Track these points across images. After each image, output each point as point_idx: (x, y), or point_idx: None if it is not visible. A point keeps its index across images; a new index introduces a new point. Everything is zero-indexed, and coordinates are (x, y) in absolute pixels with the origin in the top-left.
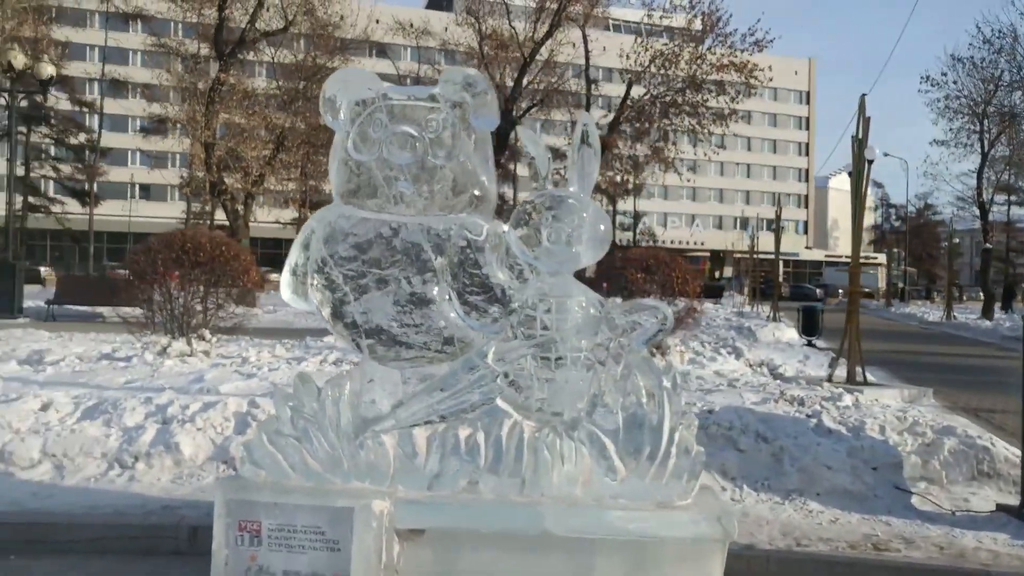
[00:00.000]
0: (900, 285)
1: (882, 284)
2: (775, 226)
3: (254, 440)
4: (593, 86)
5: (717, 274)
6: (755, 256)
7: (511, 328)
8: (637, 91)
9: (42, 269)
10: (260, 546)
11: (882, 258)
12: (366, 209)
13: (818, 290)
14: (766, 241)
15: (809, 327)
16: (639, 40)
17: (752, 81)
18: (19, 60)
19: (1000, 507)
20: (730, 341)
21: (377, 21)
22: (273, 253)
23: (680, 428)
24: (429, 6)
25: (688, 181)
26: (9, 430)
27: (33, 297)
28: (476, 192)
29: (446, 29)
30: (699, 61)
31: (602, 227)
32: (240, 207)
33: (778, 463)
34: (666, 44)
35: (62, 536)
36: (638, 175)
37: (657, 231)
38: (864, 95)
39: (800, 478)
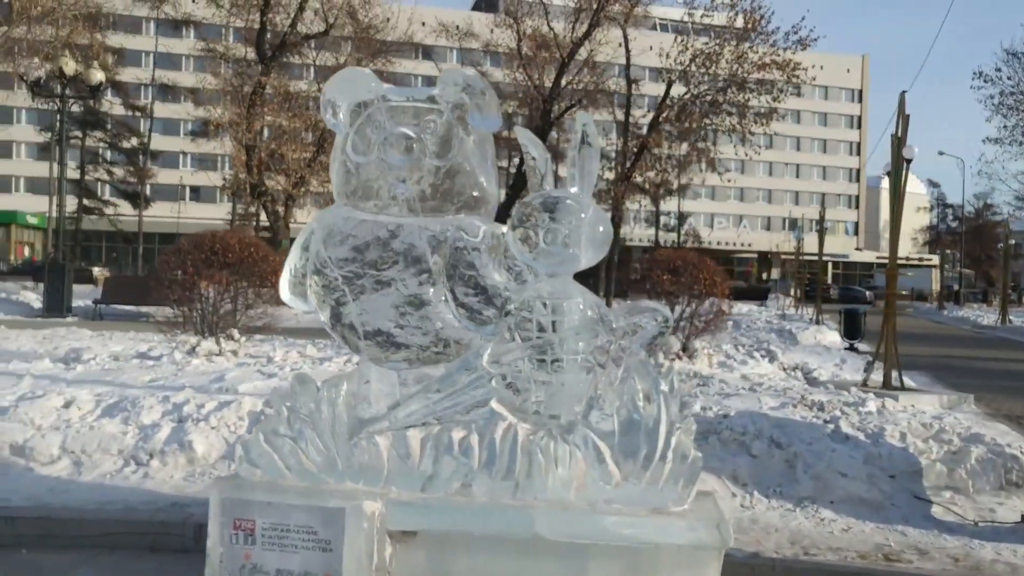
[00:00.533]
0: (955, 287)
1: (936, 286)
2: (819, 227)
3: (252, 439)
4: (634, 85)
5: (764, 276)
6: (800, 258)
7: (508, 330)
8: (678, 90)
9: (95, 270)
10: (254, 545)
11: (936, 259)
12: (365, 211)
13: (868, 292)
14: (814, 242)
15: (851, 330)
16: (679, 39)
17: (794, 80)
18: (70, 67)
19: None
20: (766, 344)
21: (423, 23)
22: None
23: (678, 432)
24: (475, 8)
25: (730, 181)
26: (32, 426)
27: (84, 297)
28: (474, 193)
29: (491, 31)
30: (740, 60)
31: (601, 228)
32: (280, 208)
33: (791, 469)
34: (706, 43)
35: (74, 531)
36: (682, 175)
37: (703, 232)
38: (904, 92)
39: (813, 485)
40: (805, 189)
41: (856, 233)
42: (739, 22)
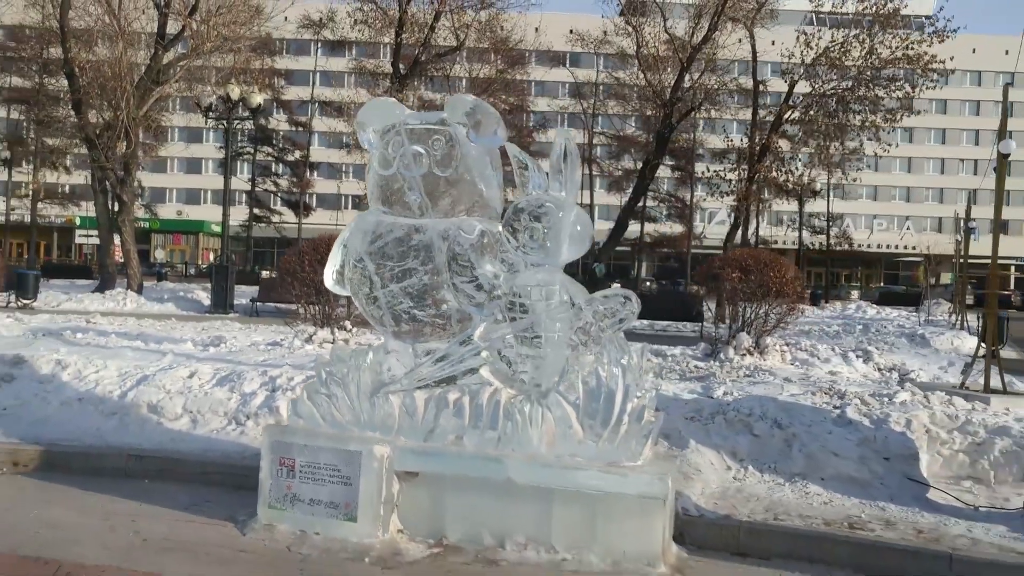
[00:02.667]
0: None
1: None
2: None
3: (299, 397)
4: (760, 85)
5: (933, 280)
6: (960, 260)
7: (499, 311)
8: (802, 88)
9: (264, 272)
10: (294, 478)
11: None
12: (392, 214)
13: None
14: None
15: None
16: (801, 37)
17: (930, 74)
18: (235, 92)
19: None
20: (863, 345)
21: (571, 31)
22: None
23: (635, 400)
24: (621, 13)
25: (855, 180)
26: (163, 391)
27: (247, 296)
28: (476, 198)
29: (615, 35)
30: (870, 55)
31: (579, 227)
32: None
33: (788, 448)
34: (832, 41)
35: (183, 469)
36: (821, 174)
37: (861, 234)
38: (1008, 84)
39: (806, 463)
40: (986, 186)
41: None
42: (871, 9)
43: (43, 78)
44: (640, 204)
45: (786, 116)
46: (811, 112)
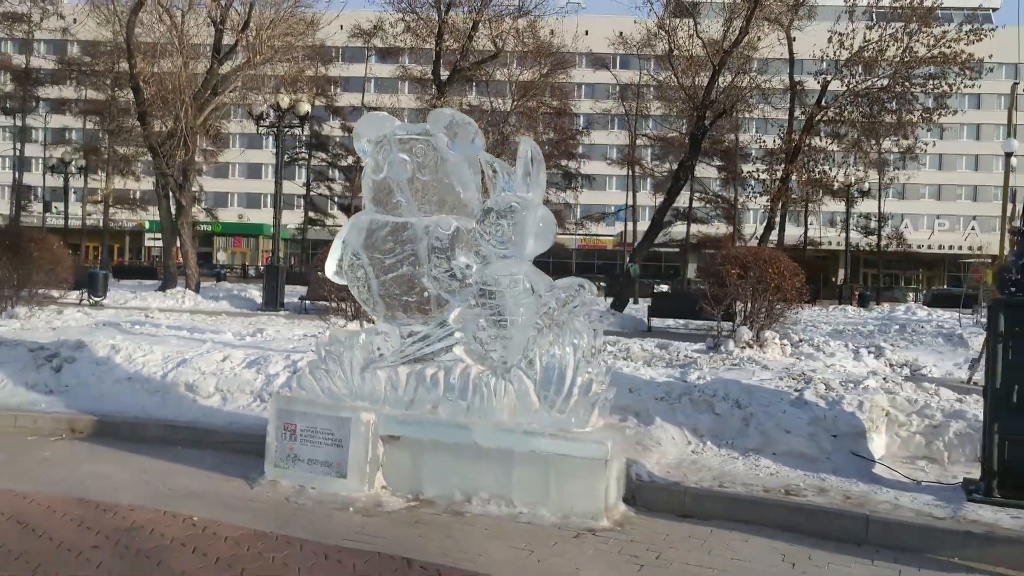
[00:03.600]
0: None
1: None
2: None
3: (303, 372)
4: (798, 85)
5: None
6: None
7: (472, 298)
8: (835, 86)
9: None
10: (295, 441)
11: None
12: (384, 213)
13: None
14: None
15: None
16: (835, 38)
17: (968, 72)
18: (285, 101)
19: (966, 480)
20: (877, 341)
21: (619, 34)
22: None
23: (586, 375)
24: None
25: (904, 179)
26: (198, 371)
27: (298, 294)
28: (454, 200)
29: (671, 40)
30: (906, 52)
31: (542, 224)
32: None
33: (746, 426)
34: (867, 40)
35: (211, 439)
36: (886, 172)
37: (922, 235)
38: (1016, 83)
39: (760, 439)
40: None
41: None
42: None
43: (115, 91)
44: (687, 205)
45: (818, 116)
46: (845, 112)
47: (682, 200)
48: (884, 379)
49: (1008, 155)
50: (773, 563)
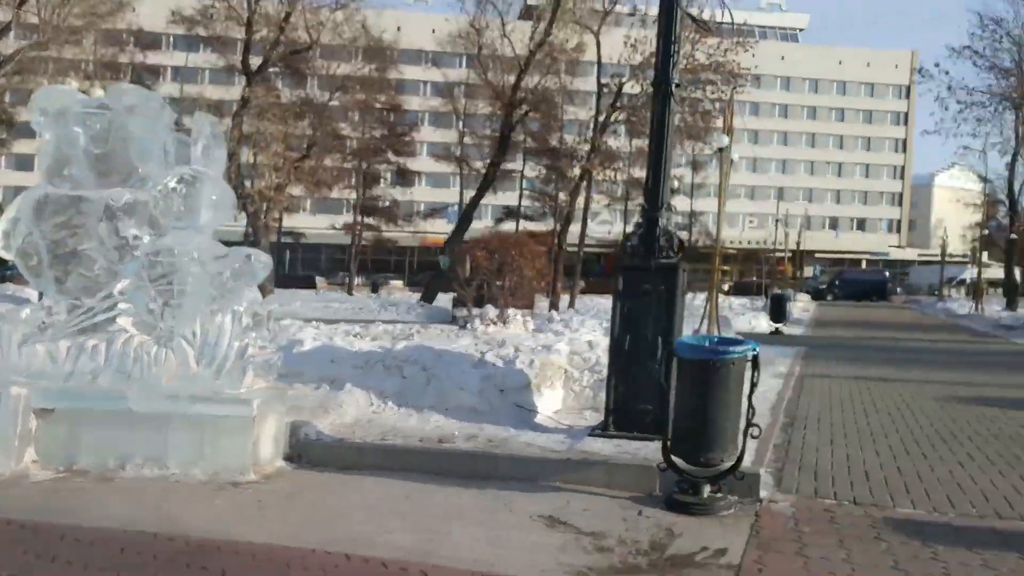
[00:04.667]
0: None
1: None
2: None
3: None
4: (605, 88)
5: (798, 273)
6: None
7: (143, 269)
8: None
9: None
10: None
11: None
12: (59, 187)
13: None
14: (852, 240)
15: (777, 314)
16: (628, 42)
17: (738, 80)
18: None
19: (596, 426)
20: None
21: (433, 30)
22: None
23: (241, 342)
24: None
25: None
26: None
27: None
28: (131, 173)
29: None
30: (689, 60)
31: (215, 196)
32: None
33: (428, 387)
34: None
35: None
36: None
37: (733, 232)
38: (736, 87)
39: (437, 397)
40: (847, 188)
41: (899, 230)
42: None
43: None
44: (517, 204)
45: (613, 116)
46: (639, 113)
47: (512, 198)
48: (570, 345)
49: (720, 150)
50: (392, 496)
